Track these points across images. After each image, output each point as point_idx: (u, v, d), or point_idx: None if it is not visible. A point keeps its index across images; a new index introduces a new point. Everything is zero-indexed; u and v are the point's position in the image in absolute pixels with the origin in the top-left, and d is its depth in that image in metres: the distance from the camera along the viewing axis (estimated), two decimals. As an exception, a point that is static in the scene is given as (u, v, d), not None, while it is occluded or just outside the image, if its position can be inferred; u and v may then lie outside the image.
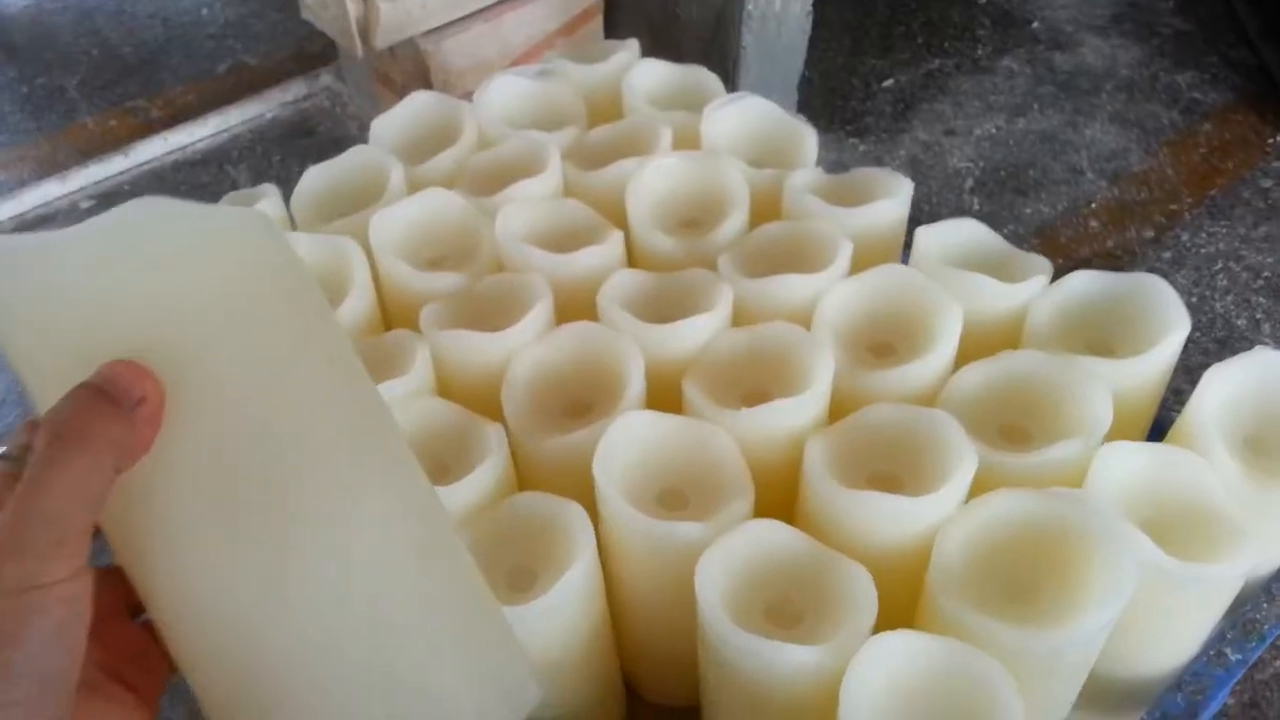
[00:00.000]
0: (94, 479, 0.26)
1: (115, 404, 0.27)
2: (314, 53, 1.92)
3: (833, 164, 1.67)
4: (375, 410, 0.32)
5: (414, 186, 0.74)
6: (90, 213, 1.63)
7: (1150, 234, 1.54)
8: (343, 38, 1.45)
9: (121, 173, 1.69)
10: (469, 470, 0.56)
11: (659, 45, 1.60)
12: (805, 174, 0.76)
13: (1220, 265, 1.48)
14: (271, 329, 0.31)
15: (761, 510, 0.55)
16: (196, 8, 2.08)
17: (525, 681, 0.33)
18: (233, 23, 2.04)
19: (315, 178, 0.76)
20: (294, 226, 0.81)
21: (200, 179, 1.68)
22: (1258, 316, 1.42)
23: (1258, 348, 0.59)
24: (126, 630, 0.32)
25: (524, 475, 0.61)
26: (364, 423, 0.32)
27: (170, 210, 0.32)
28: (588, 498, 0.55)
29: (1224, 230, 1.54)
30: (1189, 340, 1.28)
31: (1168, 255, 1.50)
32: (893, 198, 0.72)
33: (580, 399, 0.62)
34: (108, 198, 1.65)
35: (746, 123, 0.84)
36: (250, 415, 0.30)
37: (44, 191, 1.64)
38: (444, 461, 0.58)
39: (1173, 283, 1.43)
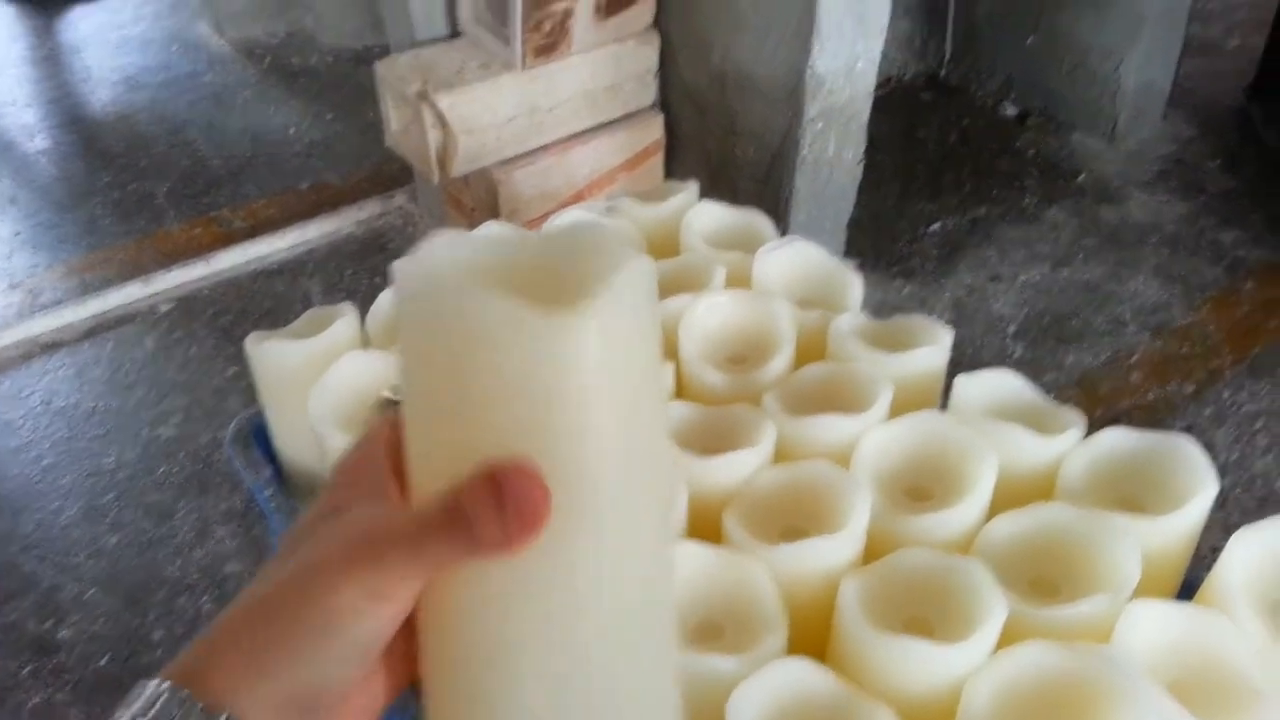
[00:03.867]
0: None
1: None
2: (391, 174, 2.03)
3: (878, 304, 1.71)
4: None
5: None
6: (168, 315, 1.72)
7: (1191, 389, 1.55)
8: (422, 164, 1.54)
9: (202, 278, 1.78)
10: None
11: (716, 182, 1.67)
12: (850, 318, 0.79)
13: (1261, 424, 1.48)
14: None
15: (794, 644, 0.56)
16: (285, 127, 2.22)
17: None
18: (317, 143, 2.17)
19: (391, 299, 0.81)
20: (368, 344, 0.86)
21: (276, 288, 1.77)
22: (1300, 477, 1.41)
23: (1288, 512, 0.60)
24: None
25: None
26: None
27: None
28: (627, 622, 0.57)
29: (1266, 389, 1.54)
30: (1228, 498, 1.28)
31: (1209, 411, 1.51)
32: (933, 345, 0.75)
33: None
34: (187, 301, 1.74)
35: (796, 266, 0.88)
36: None
37: (127, 292, 1.74)
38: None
39: (1213, 439, 1.44)
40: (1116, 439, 0.67)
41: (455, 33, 1.61)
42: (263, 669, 0.29)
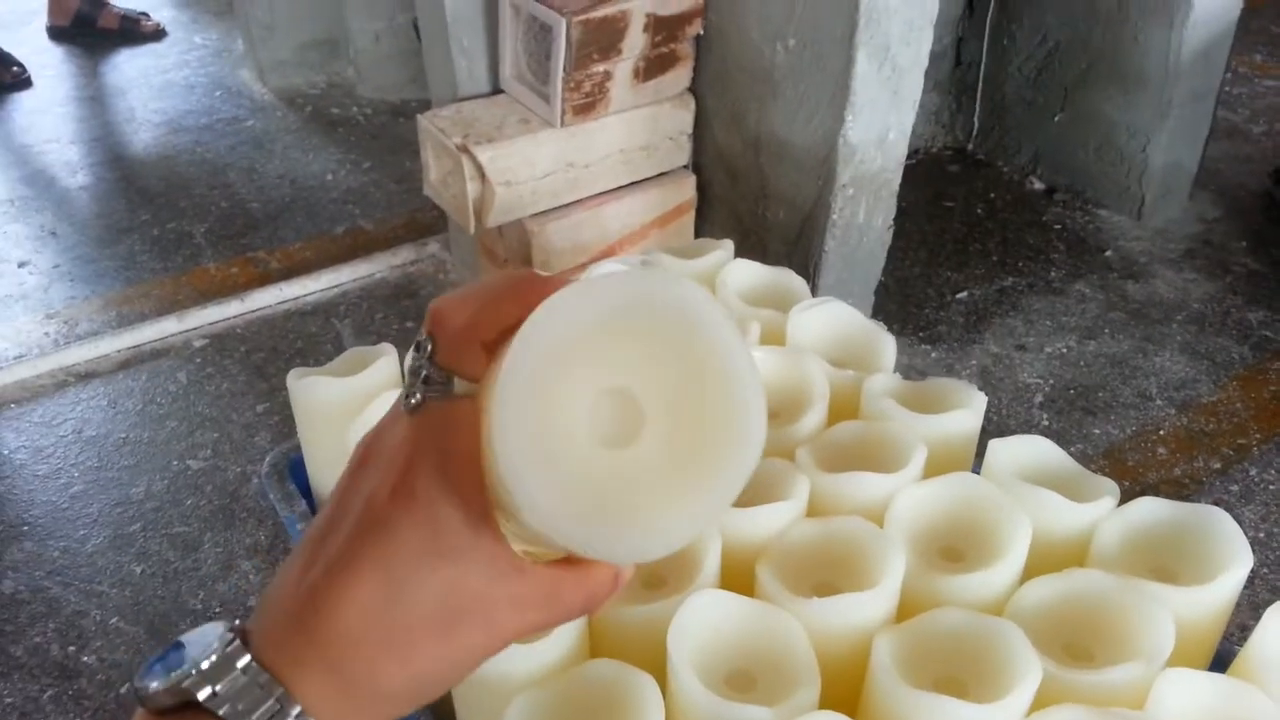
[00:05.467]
0: None
1: None
2: (425, 222, 2.07)
3: (905, 368, 1.72)
4: None
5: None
6: (202, 351, 1.74)
7: (1218, 465, 1.54)
8: (458, 215, 1.57)
9: (235, 316, 1.81)
10: (545, 632, 0.59)
11: (746, 242, 1.70)
12: (884, 378, 0.80)
13: (1290, 503, 1.47)
14: None
15: (825, 699, 0.56)
16: (323, 173, 2.27)
17: None
18: (354, 189, 2.21)
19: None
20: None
21: (308, 328, 1.80)
22: (1330, 559, 1.40)
23: (1323, 590, 0.60)
24: None
25: (597, 641, 0.64)
26: None
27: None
28: (657, 669, 0.57)
29: (1294, 468, 1.54)
30: (1256, 576, 1.26)
31: (1235, 489, 1.50)
32: (967, 408, 0.76)
33: (655, 572, 0.65)
34: (220, 338, 1.77)
35: (830, 325, 0.89)
36: None
37: (162, 327, 1.76)
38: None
39: (1240, 516, 1.43)
40: (1151, 509, 0.67)
41: (496, 90, 1.65)
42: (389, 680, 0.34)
